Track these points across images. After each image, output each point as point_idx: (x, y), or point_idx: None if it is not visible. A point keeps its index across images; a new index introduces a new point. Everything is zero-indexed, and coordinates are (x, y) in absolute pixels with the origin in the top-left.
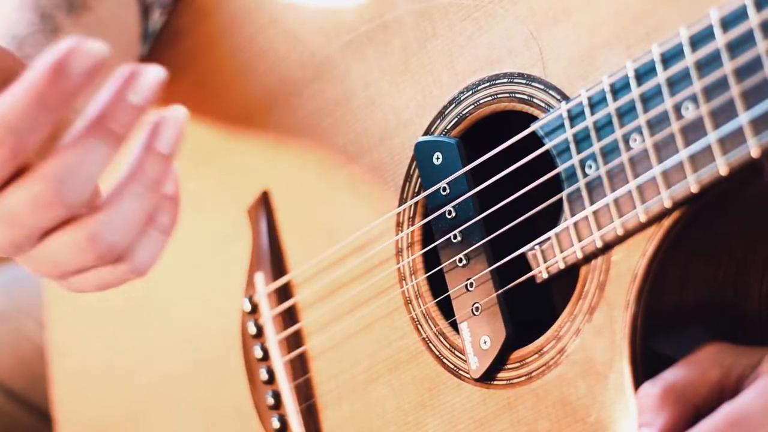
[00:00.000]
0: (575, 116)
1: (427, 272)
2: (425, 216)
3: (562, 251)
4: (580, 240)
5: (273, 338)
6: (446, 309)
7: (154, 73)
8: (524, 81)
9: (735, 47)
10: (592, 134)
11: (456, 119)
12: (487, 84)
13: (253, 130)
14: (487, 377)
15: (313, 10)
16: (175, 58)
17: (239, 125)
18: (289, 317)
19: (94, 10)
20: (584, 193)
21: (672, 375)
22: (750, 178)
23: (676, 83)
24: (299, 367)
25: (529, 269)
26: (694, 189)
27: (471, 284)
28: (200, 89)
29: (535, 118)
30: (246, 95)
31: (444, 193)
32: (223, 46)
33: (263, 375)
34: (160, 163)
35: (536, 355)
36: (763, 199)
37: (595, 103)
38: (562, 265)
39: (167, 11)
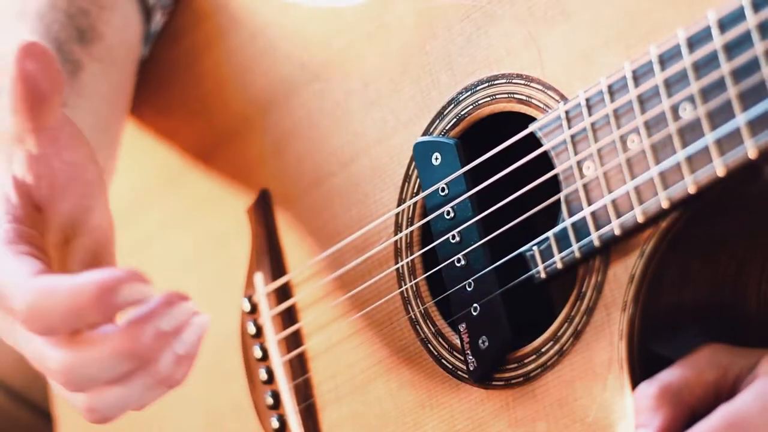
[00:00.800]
0: (573, 117)
1: (425, 272)
2: (424, 216)
3: (560, 252)
4: (577, 241)
5: (272, 338)
6: (445, 309)
7: (204, 321)
8: (523, 82)
9: (732, 48)
10: (590, 135)
11: (455, 120)
12: (486, 84)
13: (253, 130)
14: (486, 378)
15: (312, 10)
16: (175, 58)
17: (238, 125)
18: (289, 317)
19: (105, 38)
20: (582, 194)
21: (668, 376)
22: (748, 179)
23: (673, 84)
24: (298, 367)
25: (528, 269)
26: (692, 190)
27: (470, 284)
28: (200, 89)
29: (533, 119)
30: (245, 95)
31: (443, 194)
32: (223, 47)
33: (262, 375)
34: (175, 363)
35: (534, 356)
36: (762, 200)
37: (593, 104)
38: (560, 266)
39: (168, 12)
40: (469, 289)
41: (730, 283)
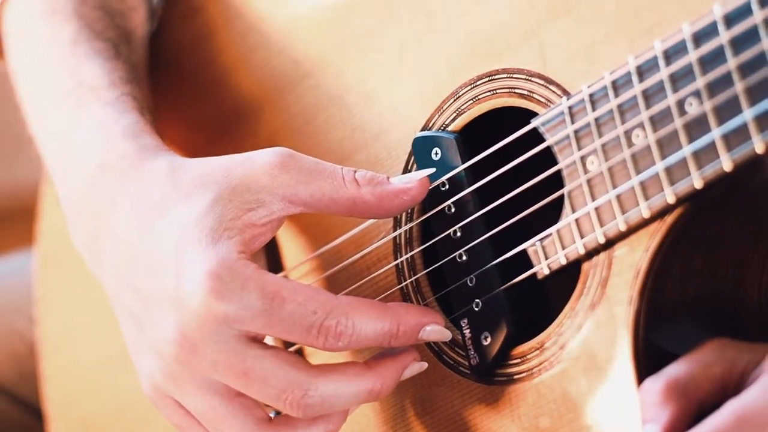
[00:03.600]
0: (577, 112)
1: (426, 268)
2: (424, 212)
3: (563, 247)
4: (582, 236)
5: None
6: (445, 306)
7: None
8: (524, 76)
9: (739, 43)
10: (594, 130)
11: (454, 114)
12: (486, 79)
13: (247, 127)
14: (488, 373)
15: (307, 4)
16: (167, 54)
17: (232, 121)
18: None
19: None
20: (586, 189)
21: (675, 370)
22: (752, 172)
23: (679, 79)
24: None
25: (530, 265)
26: (698, 185)
27: (471, 280)
28: (192, 85)
29: (534, 114)
30: (238, 91)
31: (443, 189)
32: (215, 42)
33: None
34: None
35: (537, 351)
36: (764, 194)
37: (597, 99)
38: (563, 261)
39: (161, 9)
40: (470, 285)
41: (732, 277)
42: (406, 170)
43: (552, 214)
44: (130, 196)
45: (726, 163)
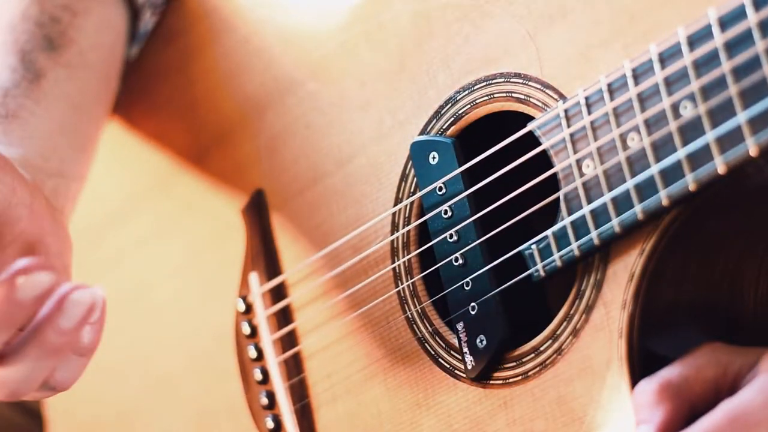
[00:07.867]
0: (572, 116)
1: (422, 272)
2: (421, 216)
3: (559, 250)
4: (577, 239)
5: (267, 338)
6: (442, 309)
7: (87, 297)
8: (521, 81)
9: (733, 46)
10: (589, 134)
11: (452, 119)
12: (484, 84)
13: (247, 130)
14: (483, 376)
15: (308, 9)
16: (169, 59)
17: (233, 126)
18: (284, 317)
19: (76, 42)
20: (581, 192)
21: (668, 372)
22: (748, 176)
23: (674, 83)
24: (293, 367)
25: (526, 268)
26: (692, 188)
27: (467, 283)
28: (194, 89)
29: (531, 118)
30: (240, 95)
31: (440, 193)
32: (218, 47)
33: (257, 375)
34: (62, 335)
35: (533, 355)
36: (759, 200)
37: (592, 103)
38: (559, 264)
39: (159, 12)
40: (466, 288)
41: (728, 283)
42: (404, 174)
43: (551, 215)
44: None
45: (720, 166)
